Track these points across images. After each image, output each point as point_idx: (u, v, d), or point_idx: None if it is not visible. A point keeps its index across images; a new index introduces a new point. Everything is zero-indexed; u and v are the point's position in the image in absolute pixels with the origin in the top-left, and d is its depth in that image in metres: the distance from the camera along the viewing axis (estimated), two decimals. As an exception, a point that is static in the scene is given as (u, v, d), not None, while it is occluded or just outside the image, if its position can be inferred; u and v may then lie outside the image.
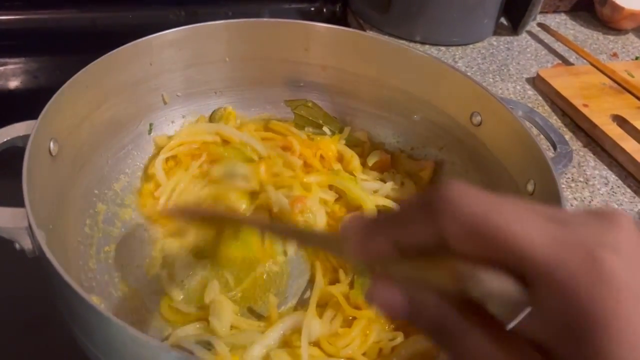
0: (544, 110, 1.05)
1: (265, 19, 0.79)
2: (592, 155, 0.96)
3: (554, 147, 0.69)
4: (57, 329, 0.62)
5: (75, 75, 0.62)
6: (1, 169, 0.57)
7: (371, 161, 0.82)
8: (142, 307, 0.63)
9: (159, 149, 0.76)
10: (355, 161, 0.81)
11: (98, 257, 0.65)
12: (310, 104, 0.85)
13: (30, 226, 0.48)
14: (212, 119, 0.82)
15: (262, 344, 0.58)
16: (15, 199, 0.51)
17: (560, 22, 1.36)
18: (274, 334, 0.59)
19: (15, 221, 0.49)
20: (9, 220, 0.49)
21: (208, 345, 0.58)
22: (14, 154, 0.59)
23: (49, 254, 0.45)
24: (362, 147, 0.84)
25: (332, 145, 0.81)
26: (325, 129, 0.85)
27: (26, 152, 0.52)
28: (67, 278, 0.43)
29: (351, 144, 0.84)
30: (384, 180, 0.80)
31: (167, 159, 0.75)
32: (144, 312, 0.63)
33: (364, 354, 0.60)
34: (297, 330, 0.59)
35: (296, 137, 0.81)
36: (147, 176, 0.74)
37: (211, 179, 0.73)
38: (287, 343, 0.59)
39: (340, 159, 0.82)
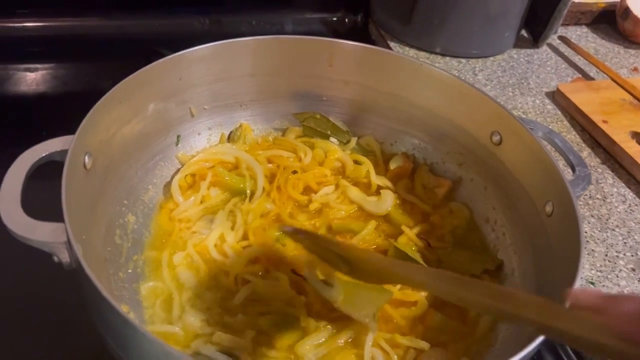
0: (562, 125, 1.06)
1: (291, 36, 0.81)
2: (610, 172, 0.97)
3: (573, 169, 0.70)
4: (87, 334, 0.65)
5: (110, 92, 0.64)
6: (37, 182, 0.60)
7: (393, 165, 0.84)
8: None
9: (182, 164, 0.79)
10: (365, 167, 0.83)
11: (127, 266, 0.67)
12: (318, 116, 0.87)
13: (69, 241, 0.50)
14: (231, 138, 0.85)
15: (312, 343, 0.61)
16: (50, 210, 0.54)
17: (582, 35, 1.36)
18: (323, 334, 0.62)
19: (55, 236, 0.51)
20: (49, 235, 0.51)
21: (231, 355, 0.60)
22: (46, 164, 0.62)
23: (87, 270, 0.47)
24: (375, 155, 0.87)
25: (336, 152, 0.84)
26: (333, 139, 0.87)
27: (65, 167, 0.55)
28: (104, 293, 0.46)
29: (363, 153, 0.86)
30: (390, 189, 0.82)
31: (186, 176, 0.78)
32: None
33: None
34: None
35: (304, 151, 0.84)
36: (167, 194, 0.77)
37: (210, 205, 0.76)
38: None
39: (343, 168, 0.84)
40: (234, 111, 0.84)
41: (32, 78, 1.08)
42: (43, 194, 0.57)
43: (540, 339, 0.49)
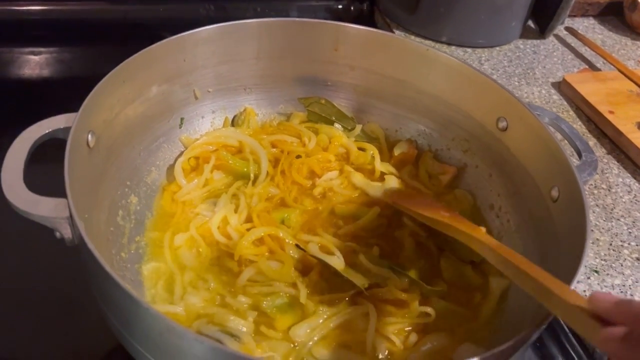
0: (568, 115, 1.05)
1: (297, 19, 0.81)
2: (616, 162, 0.96)
3: (579, 155, 0.69)
4: (90, 314, 0.65)
5: (114, 70, 0.64)
6: (40, 159, 0.59)
7: (397, 151, 0.84)
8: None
9: (186, 147, 0.79)
10: (370, 152, 0.83)
11: (129, 247, 0.67)
12: (323, 101, 0.87)
13: (71, 216, 0.50)
14: (235, 122, 0.84)
15: (309, 325, 0.61)
16: (53, 189, 0.54)
17: (589, 26, 1.35)
18: (321, 317, 0.62)
19: (57, 211, 0.51)
20: (52, 210, 0.51)
21: (232, 336, 0.60)
22: (50, 144, 0.61)
23: (89, 244, 0.47)
24: (379, 142, 0.86)
25: (341, 139, 0.84)
26: (338, 125, 0.86)
27: (67, 144, 0.54)
28: (107, 268, 0.45)
29: (367, 140, 0.86)
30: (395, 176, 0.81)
31: (189, 159, 0.77)
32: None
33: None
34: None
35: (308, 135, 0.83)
36: (170, 177, 0.76)
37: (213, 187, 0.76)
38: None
39: (347, 155, 0.84)
40: (238, 95, 0.83)
41: (36, 61, 1.08)
42: (45, 172, 0.57)
43: (543, 327, 0.49)
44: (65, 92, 1.01)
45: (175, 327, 0.42)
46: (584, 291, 0.74)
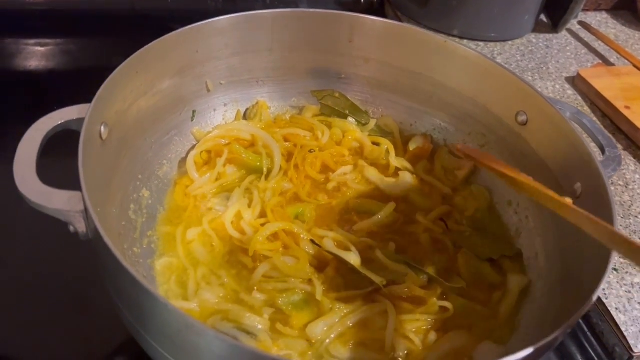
0: (583, 111, 1.04)
1: (311, 10, 0.79)
2: (632, 158, 0.94)
3: (602, 151, 0.68)
4: (102, 308, 0.64)
5: (127, 61, 0.63)
6: (51, 151, 0.58)
7: (412, 145, 0.82)
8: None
9: (198, 140, 0.77)
10: (384, 147, 0.81)
11: (141, 242, 0.66)
12: (337, 95, 0.85)
13: (86, 209, 0.48)
14: (247, 115, 0.83)
15: (325, 322, 0.60)
16: (65, 182, 0.52)
17: (602, 20, 1.34)
18: (338, 315, 0.61)
19: (71, 204, 0.50)
20: (66, 204, 0.50)
21: (248, 333, 0.59)
22: (60, 138, 0.60)
23: (105, 238, 0.45)
24: (393, 137, 0.84)
25: (355, 133, 0.82)
26: (351, 119, 0.85)
27: (81, 135, 0.53)
28: (123, 262, 0.44)
29: (381, 135, 0.84)
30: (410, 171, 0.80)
31: (201, 152, 0.76)
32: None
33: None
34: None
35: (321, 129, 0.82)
36: (182, 170, 0.75)
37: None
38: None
39: (361, 149, 0.82)
40: (251, 87, 0.82)
41: (42, 53, 1.06)
42: (57, 165, 0.55)
43: (564, 327, 0.48)
44: (72, 84, 1.00)
45: (194, 324, 0.41)
46: (603, 290, 0.73)
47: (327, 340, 0.59)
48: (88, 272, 0.63)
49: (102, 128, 0.59)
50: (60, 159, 0.55)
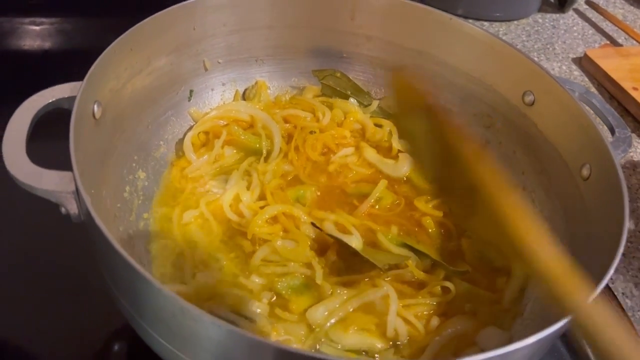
0: (590, 92, 1.01)
1: (312, -15, 0.76)
2: (640, 141, 0.92)
3: (612, 132, 0.66)
4: (97, 292, 0.62)
5: (121, 37, 0.60)
6: (43, 130, 0.56)
7: None
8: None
9: (195, 121, 0.75)
10: (387, 129, 0.79)
11: (137, 224, 0.64)
12: (338, 74, 0.83)
13: (77, 190, 0.47)
14: (246, 96, 0.81)
15: (325, 307, 0.58)
16: (57, 163, 0.50)
17: (609, 0, 1.30)
18: (339, 299, 0.59)
19: (62, 185, 0.48)
20: (57, 184, 0.48)
21: (246, 318, 0.57)
22: (52, 117, 0.58)
23: (97, 220, 0.44)
24: (396, 118, 0.82)
25: (357, 114, 0.80)
26: (353, 100, 0.82)
27: (73, 114, 0.51)
28: (116, 245, 0.42)
29: (383, 116, 0.82)
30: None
31: (199, 133, 0.74)
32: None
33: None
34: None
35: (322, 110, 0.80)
36: (179, 152, 0.73)
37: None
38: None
39: (363, 131, 0.80)
40: (250, 67, 0.80)
41: (36, 32, 1.04)
42: (48, 146, 0.53)
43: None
44: (66, 64, 0.97)
45: (189, 309, 0.39)
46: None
47: (328, 325, 0.58)
48: (83, 256, 0.61)
49: (95, 107, 0.57)
50: (53, 141, 0.52)
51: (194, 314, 0.39)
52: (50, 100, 0.55)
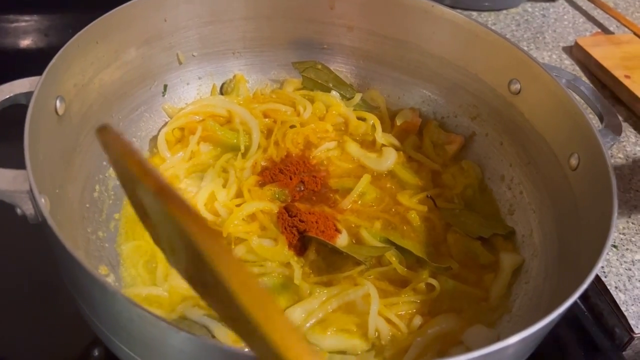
0: (581, 81, 0.99)
1: (288, -27, 0.74)
2: (632, 130, 0.90)
3: (601, 120, 0.63)
4: (61, 299, 0.60)
5: (84, 29, 0.58)
6: (5, 128, 0.53)
7: (400, 120, 0.77)
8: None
9: (170, 117, 0.73)
10: (370, 122, 0.77)
11: (107, 225, 0.61)
12: (319, 66, 0.80)
13: (31, 190, 0.44)
14: (223, 90, 0.78)
15: (303, 308, 0.56)
16: (18, 162, 0.48)
17: (600, -12, 1.28)
18: (318, 300, 0.57)
19: (16, 184, 0.45)
20: (10, 183, 0.45)
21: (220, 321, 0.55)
22: (20, 113, 0.55)
23: (50, 221, 0.41)
24: (379, 111, 0.79)
25: (339, 107, 0.77)
26: (335, 92, 0.80)
27: (29, 109, 0.48)
28: (69, 247, 0.40)
29: (367, 109, 0.79)
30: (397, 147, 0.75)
31: (173, 130, 0.71)
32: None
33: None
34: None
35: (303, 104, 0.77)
36: (153, 149, 0.71)
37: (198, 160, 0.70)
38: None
39: (346, 125, 0.77)
40: (227, 60, 0.77)
41: (11, 29, 1.01)
42: (11, 142, 0.51)
43: (561, 310, 0.43)
44: (43, 62, 0.94)
45: (145, 315, 0.36)
46: (602, 267, 0.69)
47: (307, 325, 0.55)
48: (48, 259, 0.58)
49: (58, 102, 0.54)
50: (14, 139, 0.50)
51: (150, 320, 0.37)
52: (8, 96, 0.52)
